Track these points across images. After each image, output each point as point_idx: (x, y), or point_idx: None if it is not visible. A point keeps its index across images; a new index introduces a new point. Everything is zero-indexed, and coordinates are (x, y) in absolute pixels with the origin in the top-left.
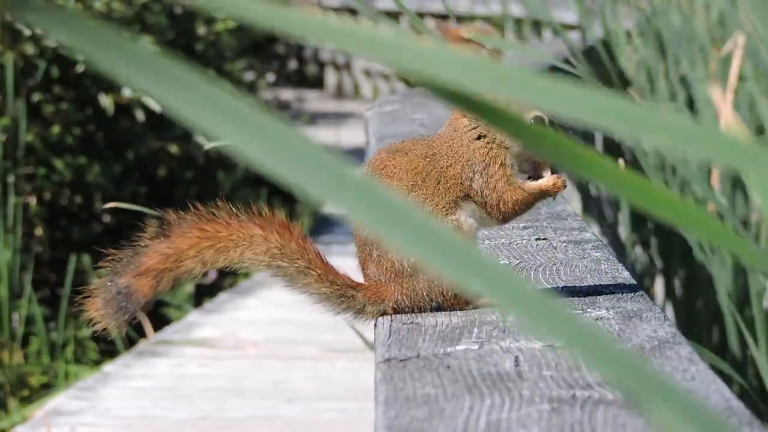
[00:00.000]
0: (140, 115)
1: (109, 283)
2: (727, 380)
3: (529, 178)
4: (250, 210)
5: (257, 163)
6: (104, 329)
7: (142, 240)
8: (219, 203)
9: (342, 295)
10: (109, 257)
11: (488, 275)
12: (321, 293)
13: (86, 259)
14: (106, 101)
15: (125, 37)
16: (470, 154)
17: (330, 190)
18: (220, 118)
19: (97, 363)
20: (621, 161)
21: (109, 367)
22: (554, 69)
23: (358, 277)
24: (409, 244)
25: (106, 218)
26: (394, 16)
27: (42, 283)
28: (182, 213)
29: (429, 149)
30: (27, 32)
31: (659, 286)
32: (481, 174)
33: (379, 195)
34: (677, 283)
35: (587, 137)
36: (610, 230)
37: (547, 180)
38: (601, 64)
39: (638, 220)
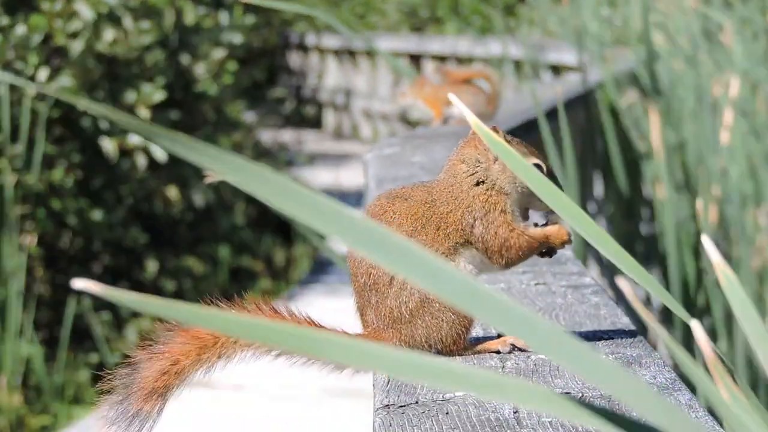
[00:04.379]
0: (142, 161)
1: (120, 412)
2: None
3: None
4: (237, 301)
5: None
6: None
7: (138, 356)
8: (204, 300)
9: None
10: (110, 378)
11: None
12: (322, 360)
13: (86, 300)
14: (109, 146)
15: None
16: (470, 200)
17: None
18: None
19: (94, 404)
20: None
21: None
22: (552, 113)
23: (355, 325)
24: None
25: (105, 259)
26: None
27: (42, 324)
28: (170, 322)
29: (428, 195)
30: (28, 72)
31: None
32: (482, 220)
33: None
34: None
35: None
36: (607, 270)
37: (552, 228)
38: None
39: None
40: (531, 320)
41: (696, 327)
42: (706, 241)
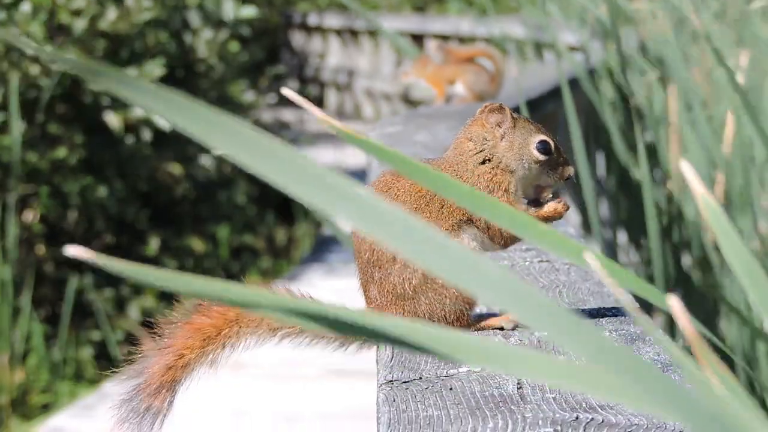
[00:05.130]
0: (147, 135)
1: (131, 409)
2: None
3: (530, 201)
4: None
5: (275, 184)
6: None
7: (143, 352)
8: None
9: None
10: (118, 373)
11: (516, 295)
12: (326, 339)
13: (88, 278)
14: (114, 120)
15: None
16: (475, 178)
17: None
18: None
19: (96, 381)
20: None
21: (109, 385)
22: (557, 91)
23: (357, 304)
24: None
25: (107, 237)
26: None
27: (43, 302)
28: (171, 315)
29: None
30: (31, 52)
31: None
32: None
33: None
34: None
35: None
36: (609, 248)
37: (549, 206)
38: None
39: (636, 237)
40: (532, 297)
41: (674, 303)
42: (686, 167)
